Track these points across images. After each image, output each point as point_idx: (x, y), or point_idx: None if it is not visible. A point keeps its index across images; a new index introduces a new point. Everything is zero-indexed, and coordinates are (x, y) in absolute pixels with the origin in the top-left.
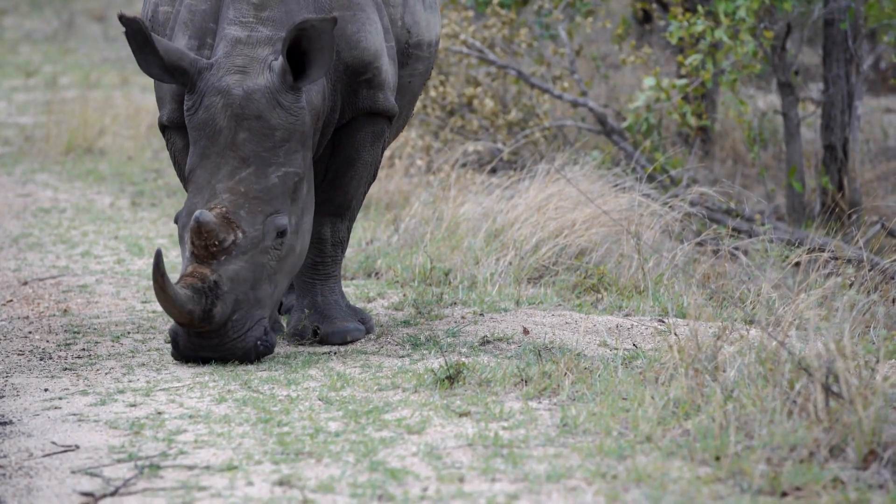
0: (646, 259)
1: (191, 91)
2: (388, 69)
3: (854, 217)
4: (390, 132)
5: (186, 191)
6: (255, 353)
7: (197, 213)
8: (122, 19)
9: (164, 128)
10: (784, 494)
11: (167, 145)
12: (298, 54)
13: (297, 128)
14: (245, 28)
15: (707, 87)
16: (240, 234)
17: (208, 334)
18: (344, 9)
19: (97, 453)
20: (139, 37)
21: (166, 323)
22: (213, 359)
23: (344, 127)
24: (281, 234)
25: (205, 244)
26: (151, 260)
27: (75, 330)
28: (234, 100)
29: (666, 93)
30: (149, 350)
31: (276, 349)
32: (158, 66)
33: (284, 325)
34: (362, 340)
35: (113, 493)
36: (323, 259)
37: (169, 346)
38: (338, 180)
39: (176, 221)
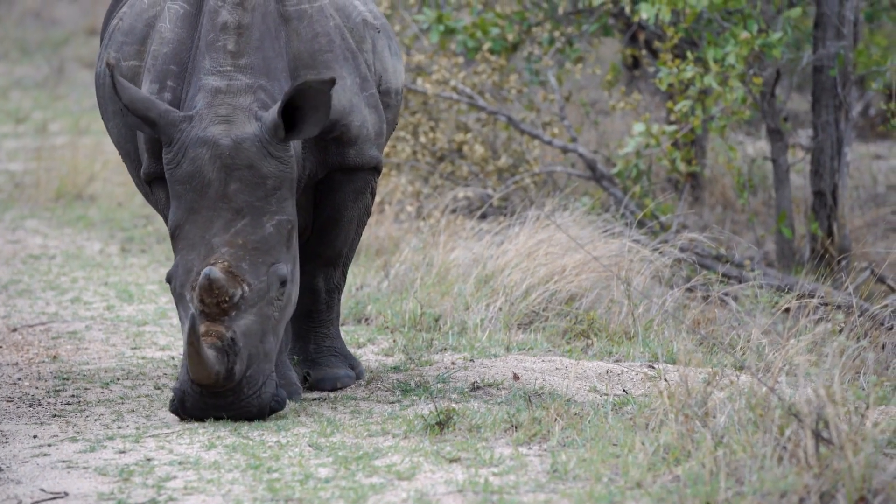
0: (636, 305)
1: (169, 144)
2: (365, 121)
3: (843, 263)
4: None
5: (173, 246)
6: (269, 410)
7: (206, 270)
8: (108, 65)
9: (146, 183)
10: None
11: (148, 199)
12: (291, 109)
13: (287, 175)
14: (224, 77)
15: (696, 133)
16: (246, 288)
17: (224, 393)
18: (309, 68)
19: (86, 500)
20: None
21: (156, 369)
22: (224, 417)
23: (323, 184)
24: (283, 283)
25: (216, 301)
26: (141, 306)
27: (65, 376)
28: (222, 150)
29: (655, 139)
30: (138, 396)
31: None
32: (130, 116)
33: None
34: (352, 386)
35: None
36: (318, 307)
37: (158, 391)
38: (325, 237)
39: (169, 280)
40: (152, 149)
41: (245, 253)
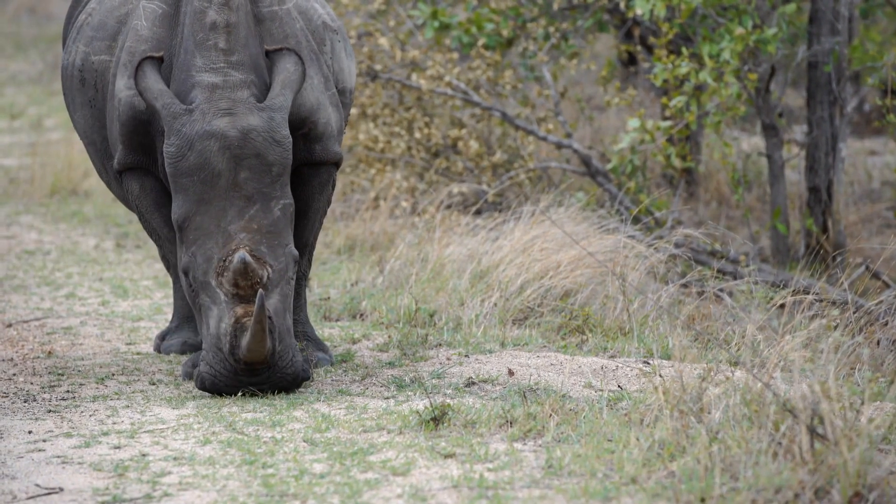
0: (631, 300)
1: (169, 136)
2: (330, 119)
3: (838, 259)
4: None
5: (181, 238)
6: (301, 380)
7: (239, 255)
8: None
9: (117, 173)
10: None
11: (112, 189)
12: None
13: (287, 161)
14: (218, 74)
15: (691, 129)
16: (270, 269)
17: (260, 370)
18: None
19: (81, 496)
20: None
21: (151, 365)
22: (261, 390)
23: (291, 178)
24: (296, 262)
25: (251, 283)
26: (136, 302)
27: (59, 372)
28: (231, 141)
29: (650, 134)
30: (133, 392)
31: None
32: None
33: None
34: (347, 381)
35: None
36: None
37: (153, 387)
38: (294, 228)
39: (185, 273)
40: (129, 141)
41: (262, 237)
